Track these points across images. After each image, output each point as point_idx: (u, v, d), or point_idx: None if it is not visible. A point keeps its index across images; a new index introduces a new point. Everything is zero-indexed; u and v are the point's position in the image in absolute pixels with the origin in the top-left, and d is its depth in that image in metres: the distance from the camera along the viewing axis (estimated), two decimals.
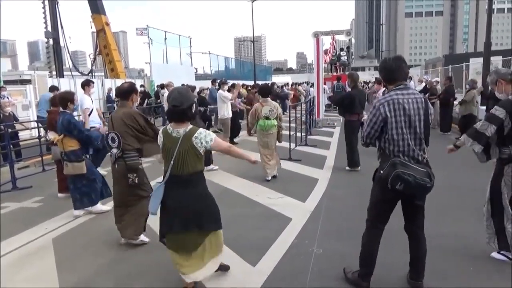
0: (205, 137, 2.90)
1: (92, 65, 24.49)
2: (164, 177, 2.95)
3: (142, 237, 4.14)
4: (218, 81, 10.99)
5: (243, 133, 12.04)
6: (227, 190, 6.24)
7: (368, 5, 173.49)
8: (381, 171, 2.80)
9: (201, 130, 2.93)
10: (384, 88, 10.96)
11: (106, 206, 5.28)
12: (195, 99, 3.21)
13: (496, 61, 15.12)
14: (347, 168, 7.39)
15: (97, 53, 23.14)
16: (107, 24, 22.26)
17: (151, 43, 21.93)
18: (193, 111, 2.97)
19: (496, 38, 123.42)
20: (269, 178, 6.73)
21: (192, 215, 2.94)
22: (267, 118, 6.55)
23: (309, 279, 3.33)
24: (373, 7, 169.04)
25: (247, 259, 3.72)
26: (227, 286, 3.27)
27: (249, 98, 13.40)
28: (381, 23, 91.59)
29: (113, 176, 4.16)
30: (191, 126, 2.94)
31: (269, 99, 6.71)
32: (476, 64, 16.68)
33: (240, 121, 12.02)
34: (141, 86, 18.80)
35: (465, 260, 3.60)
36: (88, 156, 5.55)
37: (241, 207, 5.41)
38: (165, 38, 24.10)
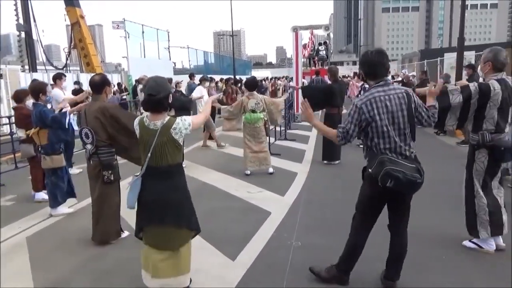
0: (183, 125, 2.81)
1: (66, 59, 23.83)
2: (141, 170, 2.88)
3: (124, 234, 4.14)
4: (199, 77, 10.76)
5: (218, 129, 12.01)
6: (205, 184, 6.22)
7: (346, 0, 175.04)
8: (370, 170, 2.75)
9: (177, 120, 2.83)
10: (362, 82, 11.15)
11: (68, 208, 5.11)
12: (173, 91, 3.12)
13: (469, 56, 15.56)
14: (325, 161, 7.47)
15: (72, 47, 22.53)
16: (82, 17, 21.68)
17: (128, 37, 21.46)
18: (169, 101, 2.88)
19: (470, 34, 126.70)
20: (249, 172, 6.76)
21: (170, 207, 2.84)
22: (253, 111, 6.58)
23: (288, 272, 3.37)
24: (351, 2, 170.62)
25: (226, 252, 3.73)
26: (206, 280, 3.27)
27: (227, 92, 13.03)
28: (359, 18, 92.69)
29: (88, 173, 4.07)
30: (168, 117, 2.84)
31: (255, 92, 6.74)
32: (450, 59, 17.10)
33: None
34: (118, 84, 18.42)
35: (438, 249, 3.72)
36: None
37: (220, 201, 5.40)
38: (143, 32, 23.65)
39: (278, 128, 10.30)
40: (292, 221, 4.56)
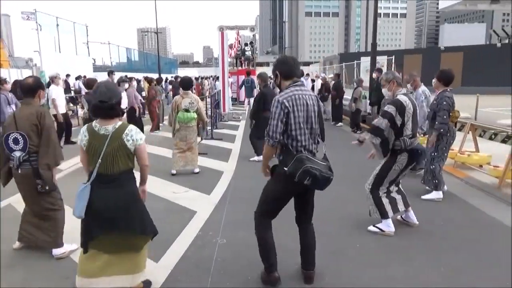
0: (136, 134, 2.73)
1: None
2: (89, 178, 2.70)
3: (67, 247, 3.73)
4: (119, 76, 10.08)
5: (146, 128, 11.63)
6: None
7: (271, 3, 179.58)
8: (285, 168, 2.82)
9: (131, 126, 2.73)
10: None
11: None
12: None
13: (382, 60, 16.89)
14: (255, 158, 7.62)
15: None
16: None
17: (40, 30, 19.75)
18: (121, 106, 2.76)
19: (383, 40, 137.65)
20: (174, 172, 6.67)
21: (123, 215, 2.71)
22: (186, 110, 6.46)
23: (212, 269, 3.38)
24: (276, 5, 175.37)
25: (150, 255, 3.57)
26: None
27: (151, 94, 11.97)
28: (283, 20, 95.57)
29: (17, 183, 3.62)
30: (120, 122, 2.72)
31: (190, 91, 6.61)
32: (366, 62, 18.42)
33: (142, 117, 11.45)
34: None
35: (351, 236, 4.00)
36: None
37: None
38: (57, 25, 21.95)
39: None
40: (218, 219, 4.57)
